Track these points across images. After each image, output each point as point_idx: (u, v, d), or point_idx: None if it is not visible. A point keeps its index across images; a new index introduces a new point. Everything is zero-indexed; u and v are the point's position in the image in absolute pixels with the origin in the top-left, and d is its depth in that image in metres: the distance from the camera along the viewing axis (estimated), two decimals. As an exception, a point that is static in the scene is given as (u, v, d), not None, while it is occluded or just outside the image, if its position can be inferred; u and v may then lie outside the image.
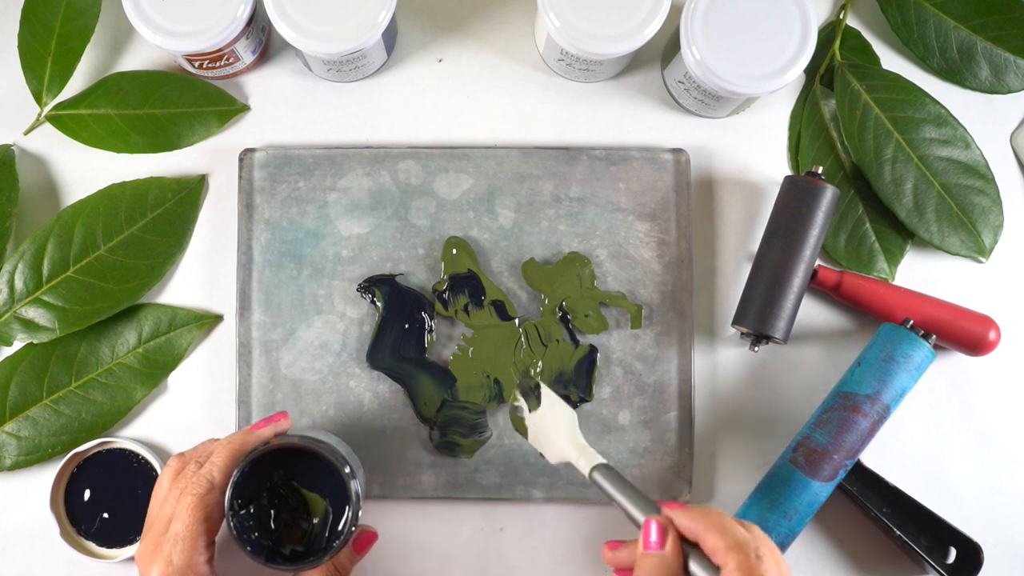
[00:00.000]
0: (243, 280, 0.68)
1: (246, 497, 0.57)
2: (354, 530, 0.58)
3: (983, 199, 0.69)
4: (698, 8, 0.63)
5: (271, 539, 0.57)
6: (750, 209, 0.71)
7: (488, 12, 0.72)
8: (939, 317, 0.66)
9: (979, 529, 0.67)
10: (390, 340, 0.67)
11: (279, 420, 0.60)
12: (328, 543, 0.57)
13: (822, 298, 0.70)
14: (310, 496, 0.58)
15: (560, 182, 0.69)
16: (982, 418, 0.69)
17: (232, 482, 0.56)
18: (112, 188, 0.68)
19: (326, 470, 0.58)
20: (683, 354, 0.68)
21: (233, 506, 0.56)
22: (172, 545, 0.55)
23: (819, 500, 0.64)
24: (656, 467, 0.68)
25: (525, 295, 0.69)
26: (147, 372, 0.68)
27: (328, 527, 0.58)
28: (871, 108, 0.69)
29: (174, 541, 0.55)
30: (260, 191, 0.69)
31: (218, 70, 0.69)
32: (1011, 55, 0.70)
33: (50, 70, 0.68)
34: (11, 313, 0.67)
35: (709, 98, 0.67)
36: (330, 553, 0.57)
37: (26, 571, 0.67)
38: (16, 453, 0.66)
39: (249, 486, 0.57)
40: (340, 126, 0.71)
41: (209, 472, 0.56)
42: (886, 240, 0.70)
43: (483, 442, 0.67)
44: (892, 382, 0.64)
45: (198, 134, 0.70)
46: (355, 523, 0.57)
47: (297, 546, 0.58)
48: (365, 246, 0.69)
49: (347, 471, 0.57)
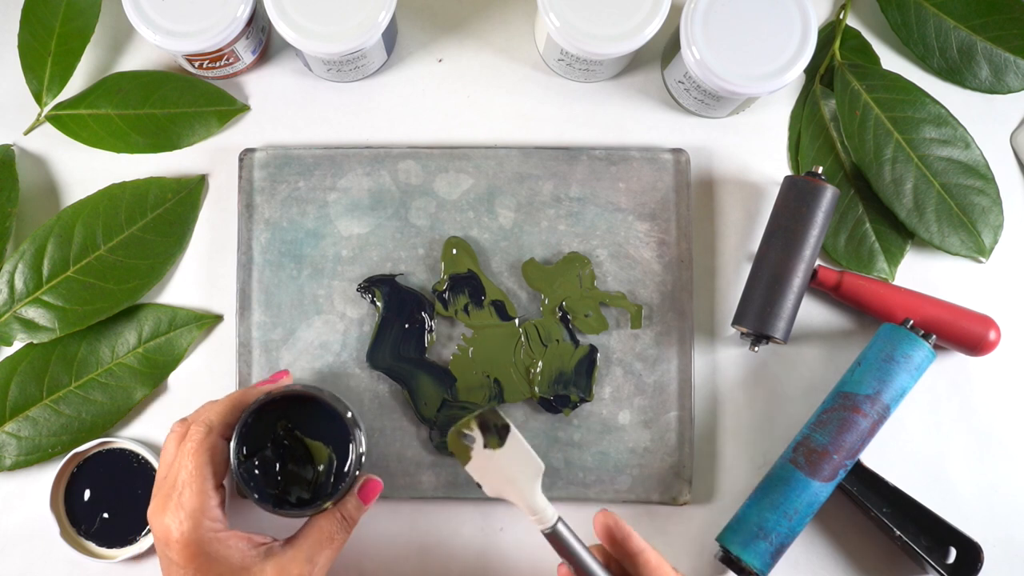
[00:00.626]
0: (243, 280, 0.68)
1: (251, 447, 0.58)
2: (358, 474, 0.59)
3: (983, 199, 0.69)
4: (698, 8, 0.63)
5: (277, 488, 0.58)
6: (750, 209, 0.71)
7: (488, 12, 0.72)
8: (939, 317, 0.66)
9: (979, 529, 0.67)
10: (390, 340, 0.67)
11: (280, 379, 0.62)
12: (333, 488, 0.58)
13: (822, 298, 0.70)
14: (313, 444, 0.59)
15: (560, 182, 0.69)
16: (982, 418, 0.69)
17: (237, 432, 0.57)
18: (112, 188, 0.68)
19: (328, 417, 0.59)
20: (683, 354, 0.68)
21: (239, 456, 0.57)
22: (180, 491, 0.56)
23: (819, 500, 0.64)
24: (656, 467, 0.68)
25: (525, 295, 0.69)
26: (147, 372, 0.68)
27: (333, 474, 0.59)
28: (871, 108, 0.69)
29: (182, 486, 0.56)
30: (260, 191, 0.69)
31: (218, 70, 0.69)
32: (1011, 55, 0.70)
33: (50, 70, 0.68)
34: (11, 313, 0.67)
35: (709, 98, 0.67)
36: (335, 496, 0.58)
37: (26, 571, 0.67)
38: (16, 453, 0.66)
39: (253, 436, 0.58)
40: (340, 126, 0.71)
41: (207, 418, 0.57)
42: (886, 240, 0.70)
43: (483, 442, 0.67)
44: (892, 382, 0.64)
45: (198, 134, 0.70)
46: (359, 467, 0.59)
47: (303, 493, 0.59)
48: (365, 246, 0.69)
49: (349, 416, 0.58)
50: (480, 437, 0.57)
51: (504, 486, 0.58)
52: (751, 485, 0.68)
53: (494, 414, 0.58)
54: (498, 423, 0.58)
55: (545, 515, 0.57)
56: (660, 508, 0.68)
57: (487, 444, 0.57)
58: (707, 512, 0.68)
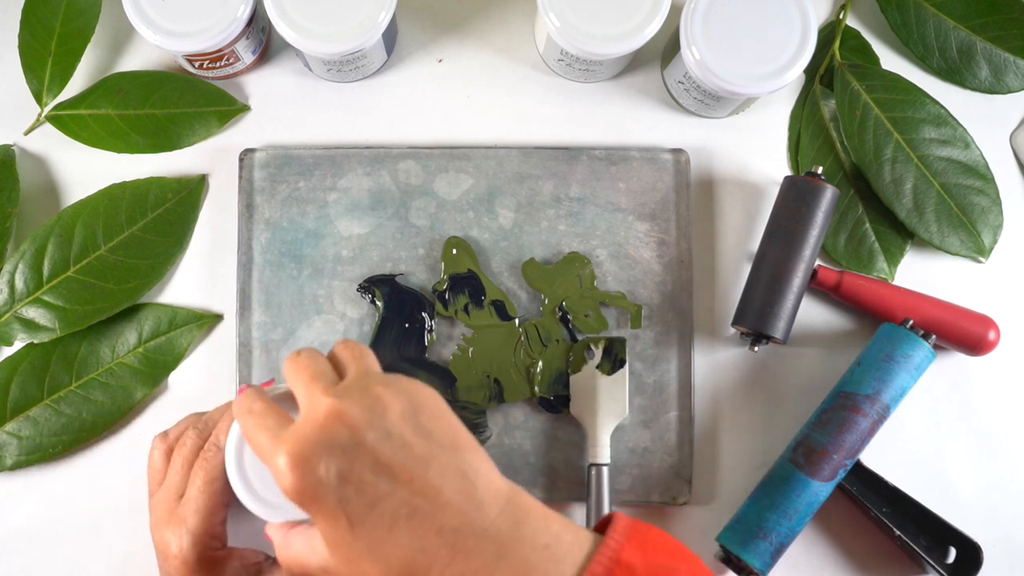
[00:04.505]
0: (243, 280, 0.68)
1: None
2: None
3: (983, 199, 0.69)
4: (698, 8, 0.63)
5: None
6: (750, 209, 0.71)
7: (488, 12, 0.72)
8: (939, 317, 0.66)
9: (979, 529, 0.67)
10: (390, 340, 0.67)
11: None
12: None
13: (822, 298, 0.70)
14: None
15: (560, 182, 0.69)
16: (982, 418, 0.69)
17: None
18: (112, 188, 0.69)
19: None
20: (683, 354, 0.68)
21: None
22: (188, 511, 0.56)
23: (819, 500, 0.64)
24: (656, 467, 0.68)
25: (525, 295, 0.69)
26: (147, 372, 0.68)
27: None
28: (871, 108, 0.69)
29: (190, 508, 0.56)
30: (260, 191, 0.69)
31: (218, 70, 0.69)
32: (1011, 55, 0.70)
33: (50, 70, 0.68)
34: (11, 313, 0.67)
35: (709, 98, 0.67)
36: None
37: (26, 571, 0.67)
38: (16, 453, 0.67)
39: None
40: (340, 126, 0.71)
41: (217, 439, 0.57)
42: (886, 240, 0.70)
43: (483, 442, 0.67)
44: (892, 382, 0.64)
45: (198, 134, 0.70)
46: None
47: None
48: (365, 246, 0.69)
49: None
50: (598, 358, 0.66)
51: (586, 410, 0.66)
52: (751, 485, 0.68)
53: (621, 347, 0.66)
54: (620, 356, 0.66)
55: (602, 454, 0.65)
56: (660, 508, 0.68)
57: (600, 366, 0.66)
58: (707, 512, 0.68)
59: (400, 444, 0.45)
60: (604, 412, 0.66)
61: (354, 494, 0.44)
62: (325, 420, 0.45)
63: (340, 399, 0.45)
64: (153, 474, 0.60)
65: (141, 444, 0.68)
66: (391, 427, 0.45)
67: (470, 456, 0.46)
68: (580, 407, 0.66)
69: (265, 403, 0.48)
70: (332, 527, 0.44)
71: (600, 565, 0.44)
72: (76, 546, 0.67)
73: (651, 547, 0.46)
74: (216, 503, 0.56)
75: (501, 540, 0.44)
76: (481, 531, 0.44)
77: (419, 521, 0.44)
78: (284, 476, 0.44)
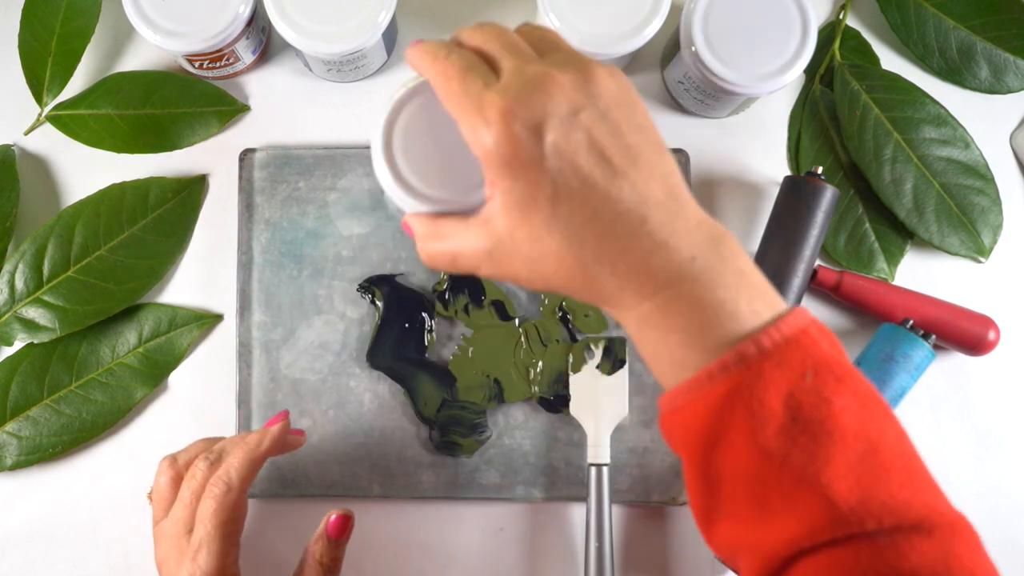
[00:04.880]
0: (243, 280, 0.68)
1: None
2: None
3: (983, 199, 0.69)
4: (698, 8, 0.63)
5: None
6: (750, 209, 0.71)
7: (488, 12, 0.72)
8: (939, 317, 0.66)
9: (979, 529, 0.67)
10: (390, 340, 0.67)
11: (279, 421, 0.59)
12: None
13: (822, 298, 0.70)
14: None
15: (560, 182, 0.69)
16: (982, 418, 0.69)
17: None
18: (112, 188, 0.69)
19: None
20: (683, 354, 0.68)
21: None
22: (198, 550, 0.54)
23: (819, 500, 0.64)
24: (656, 467, 0.68)
25: (525, 295, 0.69)
26: (147, 372, 0.68)
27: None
28: (871, 108, 0.69)
29: (201, 546, 0.54)
30: (260, 191, 0.69)
31: (218, 70, 0.69)
32: (1011, 55, 0.70)
33: (50, 70, 0.68)
34: (11, 313, 0.67)
35: (709, 98, 0.67)
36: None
37: (26, 571, 0.67)
38: (16, 453, 0.67)
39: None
40: (340, 126, 0.71)
41: (227, 474, 0.55)
42: (886, 240, 0.70)
43: (483, 442, 0.67)
44: (892, 382, 0.64)
45: (198, 134, 0.70)
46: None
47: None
48: (365, 246, 0.69)
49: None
50: (598, 358, 0.66)
51: (586, 410, 0.66)
52: (751, 485, 0.68)
53: (621, 347, 0.66)
54: (620, 356, 0.66)
55: (602, 454, 0.65)
56: (660, 508, 0.68)
57: (600, 366, 0.66)
58: (707, 512, 0.68)
59: (614, 130, 0.40)
60: (604, 412, 0.66)
61: (568, 168, 0.39)
62: (542, 82, 0.39)
63: (553, 67, 0.40)
64: (159, 500, 0.58)
65: (141, 444, 0.68)
66: (606, 110, 0.40)
67: (675, 167, 0.42)
68: (580, 407, 0.66)
69: (469, 51, 0.43)
70: (531, 196, 0.39)
71: (798, 320, 0.41)
72: (76, 546, 0.67)
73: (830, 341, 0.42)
74: (229, 544, 0.55)
75: (698, 270, 0.40)
76: (689, 257, 0.40)
77: (626, 220, 0.39)
78: (493, 128, 0.39)
